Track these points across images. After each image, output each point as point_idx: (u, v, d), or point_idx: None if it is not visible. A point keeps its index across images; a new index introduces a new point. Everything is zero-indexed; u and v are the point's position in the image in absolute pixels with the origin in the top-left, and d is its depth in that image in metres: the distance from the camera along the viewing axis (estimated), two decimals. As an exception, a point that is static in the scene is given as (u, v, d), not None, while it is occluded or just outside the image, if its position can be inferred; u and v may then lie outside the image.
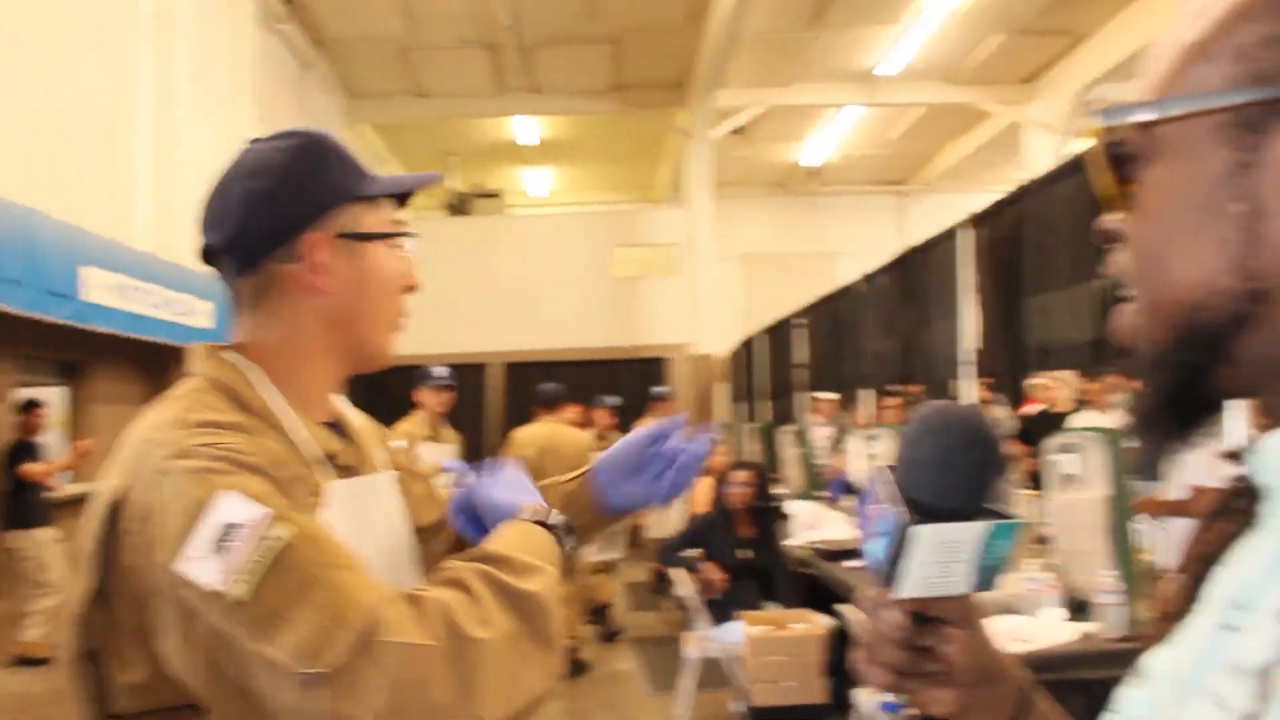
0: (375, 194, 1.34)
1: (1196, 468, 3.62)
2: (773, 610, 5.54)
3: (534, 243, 17.39)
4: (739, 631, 5.11)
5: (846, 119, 15.85)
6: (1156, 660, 0.67)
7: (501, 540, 1.26)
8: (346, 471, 1.32)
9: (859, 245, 17.16)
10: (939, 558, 0.77)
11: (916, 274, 6.53)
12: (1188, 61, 0.60)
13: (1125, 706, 0.68)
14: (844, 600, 4.59)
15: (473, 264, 16.32)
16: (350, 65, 13.58)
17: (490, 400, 16.64)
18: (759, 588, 5.93)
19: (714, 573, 5.89)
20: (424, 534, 1.49)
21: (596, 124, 16.28)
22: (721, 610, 5.67)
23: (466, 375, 15.67)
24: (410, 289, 1.38)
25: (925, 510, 0.77)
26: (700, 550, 6.09)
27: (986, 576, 0.79)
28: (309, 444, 1.28)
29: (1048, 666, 3.31)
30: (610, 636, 7.98)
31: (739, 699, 5.40)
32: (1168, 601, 0.73)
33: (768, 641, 4.83)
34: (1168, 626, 0.70)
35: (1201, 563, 0.68)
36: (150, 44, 8.39)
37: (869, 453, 5.73)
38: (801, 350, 10.58)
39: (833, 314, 9.22)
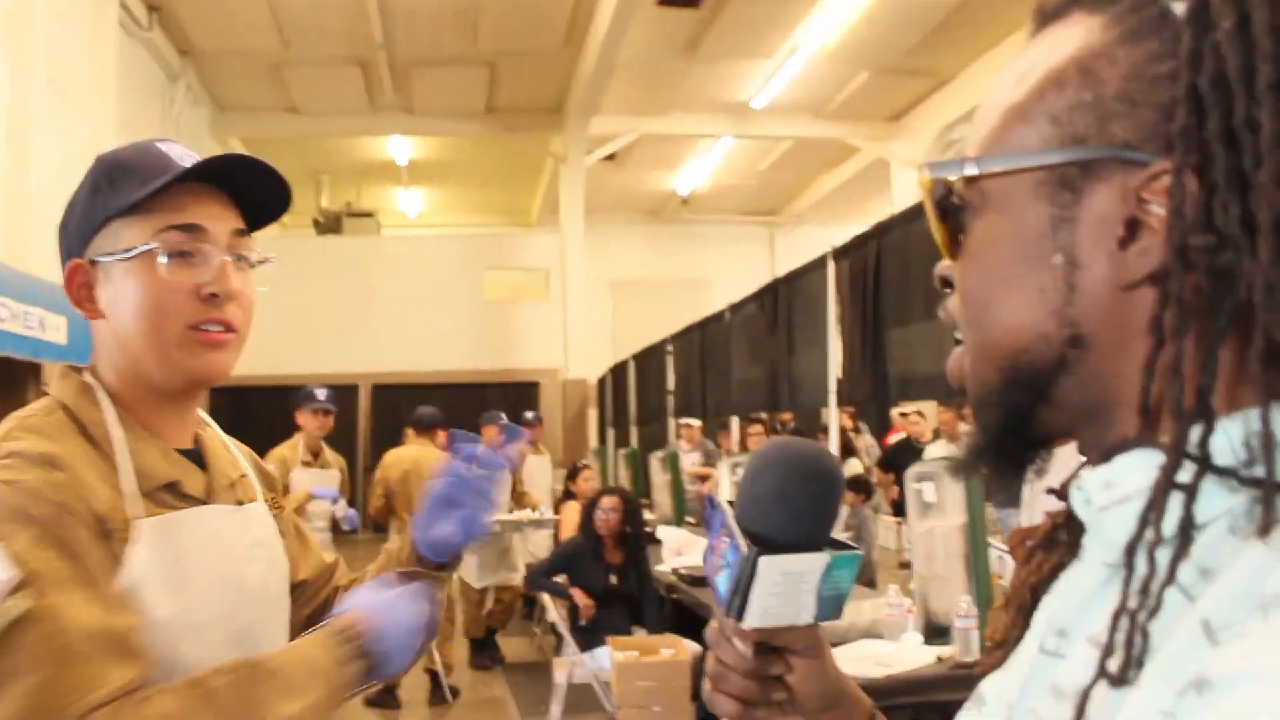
0: (134, 201, 1.24)
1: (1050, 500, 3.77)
2: (641, 635, 5.58)
3: (406, 264, 17.23)
4: (607, 657, 5.13)
5: (718, 149, 16.11)
6: (991, 685, 0.71)
7: (289, 651, 1.26)
8: (191, 501, 1.29)
9: (730, 274, 17.41)
10: (782, 588, 0.78)
11: (784, 304, 6.67)
12: (1009, 122, 0.64)
13: None
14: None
15: (343, 284, 16.08)
16: (219, 77, 13.27)
17: (361, 423, 16.38)
18: (628, 613, 5.96)
19: (582, 598, 5.91)
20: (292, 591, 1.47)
21: (471, 146, 16.21)
22: (590, 636, 5.68)
23: (339, 397, 15.30)
24: (213, 296, 1.25)
25: (768, 542, 0.78)
26: (568, 576, 6.10)
27: (829, 606, 0.81)
28: (145, 472, 1.25)
29: (907, 690, 3.41)
30: (491, 664, 7.85)
31: (606, 724, 5.41)
32: (999, 629, 0.78)
33: (636, 667, 4.86)
34: (1001, 653, 0.74)
35: (1029, 592, 0.74)
36: (2, 42, 8.06)
37: (735, 480, 5.81)
38: (671, 377, 10.68)
39: (701, 341, 9.34)
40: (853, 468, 9.42)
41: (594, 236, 16.05)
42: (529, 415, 9.11)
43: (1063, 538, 0.75)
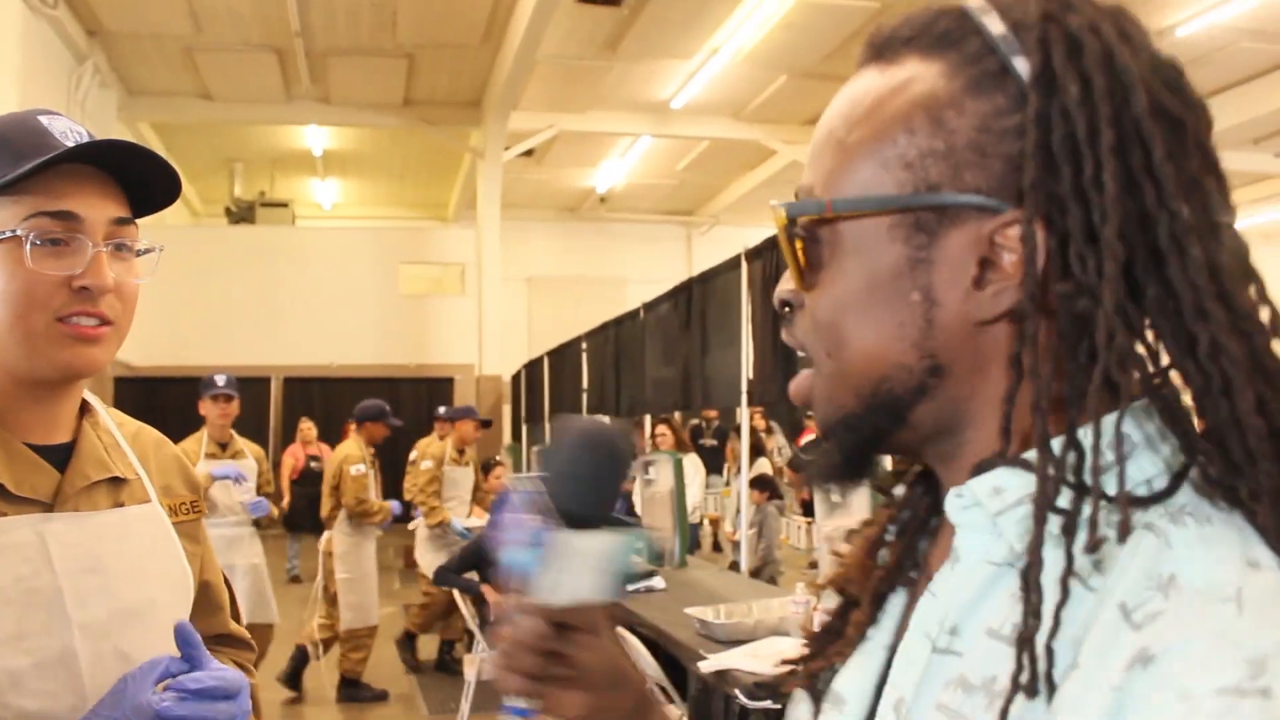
0: (3, 184, 1.16)
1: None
2: None
3: (320, 256, 17.01)
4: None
5: (637, 148, 16.15)
6: (848, 684, 0.76)
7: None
8: (18, 503, 1.20)
9: (647, 273, 17.47)
10: (574, 566, 0.81)
11: (698, 303, 6.72)
12: (858, 162, 0.68)
13: None
14: (620, 623, 4.66)
15: (257, 275, 15.81)
16: (129, 60, 12.95)
17: (272, 415, 16.14)
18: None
19: (493, 595, 5.90)
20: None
21: (388, 138, 16.05)
22: (499, 632, 5.67)
23: (250, 388, 15.05)
24: (84, 289, 1.17)
25: (562, 519, 0.81)
26: (478, 572, 6.09)
27: (618, 584, 0.83)
28: None
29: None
30: (412, 668, 7.66)
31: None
32: (823, 626, 0.83)
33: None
34: (833, 650, 0.80)
35: (880, 585, 0.79)
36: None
37: (645, 478, 5.85)
38: (586, 374, 10.69)
39: (616, 339, 9.36)
40: (761, 467, 9.52)
41: (511, 232, 16.00)
42: (442, 410, 9.04)
43: (891, 538, 0.81)
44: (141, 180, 1.25)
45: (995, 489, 0.64)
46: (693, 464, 8.58)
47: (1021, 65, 0.63)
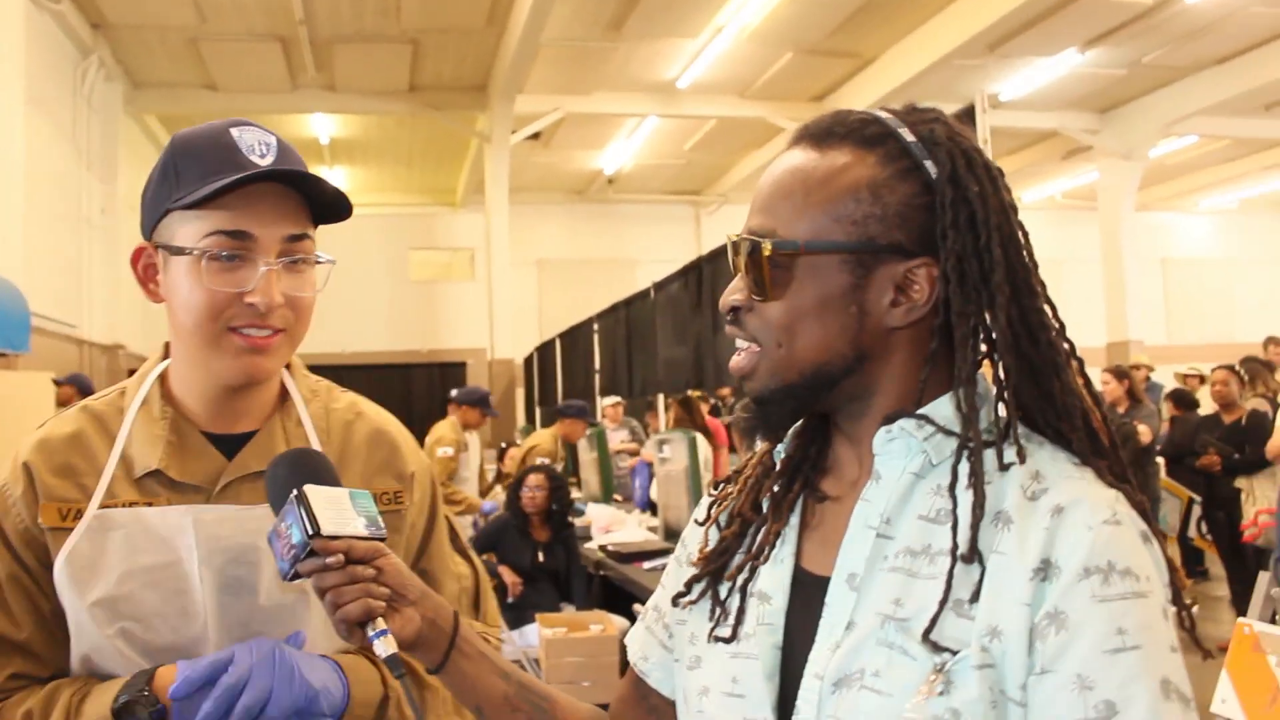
0: (189, 202, 1.23)
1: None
2: (569, 612, 5.61)
3: (329, 243, 16.94)
4: (536, 634, 5.16)
5: (644, 128, 16.10)
6: (769, 582, 1.04)
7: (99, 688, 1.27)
8: (183, 490, 1.30)
9: (656, 253, 17.47)
10: (330, 508, 1.08)
11: (708, 282, 6.72)
12: (817, 216, 0.98)
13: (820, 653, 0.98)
14: (640, 601, 4.70)
15: (263, 264, 15.82)
16: (134, 53, 12.95)
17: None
18: (555, 590, 5.99)
19: (510, 576, 5.92)
20: None
21: (394, 125, 16.03)
22: (518, 613, 5.71)
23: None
24: (251, 305, 1.25)
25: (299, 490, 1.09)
26: (495, 554, 6.11)
27: (375, 524, 1.11)
28: (134, 459, 1.30)
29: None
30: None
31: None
32: (715, 549, 1.12)
33: (564, 643, 4.89)
34: (741, 564, 1.08)
35: (750, 506, 1.12)
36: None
37: (661, 456, 5.86)
38: (598, 355, 10.70)
39: (627, 320, 9.37)
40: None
41: (519, 216, 15.99)
42: (454, 392, 9.05)
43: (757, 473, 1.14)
44: (321, 192, 1.32)
45: (918, 425, 0.98)
46: (706, 442, 8.58)
47: (931, 167, 0.98)
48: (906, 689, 0.88)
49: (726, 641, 1.04)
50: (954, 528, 0.92)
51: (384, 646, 1.04)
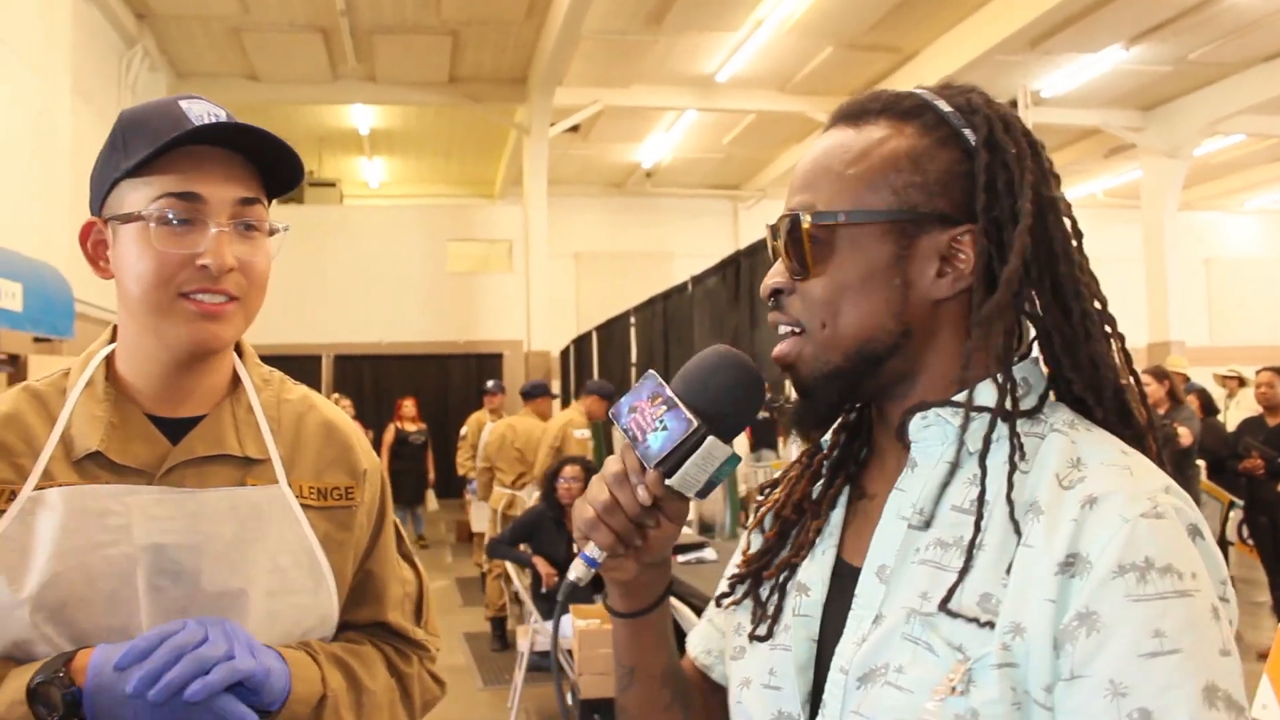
0: (136, 164, 1.22)
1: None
2: (603, 603, 5.63)
3: (368, 234, 17.13)
4: (570, 624, 5.18)
5: (682, 122, 16.07)
6: (809, 574, 1.02)
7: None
8: (123, 472, 1.26)
9: (693, 247, 17.44)
10: (701, 465, 0.96)
11: (746, 276, 6.71)
12: (857, 189, 0.97)
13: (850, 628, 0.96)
14: (675, 594, 4.69)
15: (305, 254, 15.94)
16: (177, 43, 13.08)
17: (323, 394, 16.29)
18: (589, 581, 6.01)
19: (545, 567, 5.95)
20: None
21: (434, 116, 16.09)
22: (552, 603, 5.73)
23: (301, 366, 15.32)
24: (203, 268, 1.22)
25: (709, 423, 0.96)
26: (530, 544, 6.14)
27: (708, 489, 0.98)
28: (74, 441, 1.26)
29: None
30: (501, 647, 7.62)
31: (570, 691, 5.47)
32: (760, 549, 1.10)
33: (597, 634, 4.91)
34: (770, 557, 1.08)
35: (793, 510, 1.09)
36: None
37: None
38: (635, 349, 10.70)
39: (665, 313, 9.36)
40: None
41: (557, 208, 16.01)
42: (490, 384, 9.13)
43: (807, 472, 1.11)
44: (273, 162, 1.29)
45: (954, 410, 0.95)
46: (741, 436, 8.61)
47: (969, 135, 0.97)
48: (929, 686, 0.85)
49: (763, 640, 1.03)
50: (979, 505, 0.89)
51: (581, 569, 1.01)
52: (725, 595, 1.11)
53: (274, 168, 1.30)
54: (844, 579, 0.99)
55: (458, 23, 12.49)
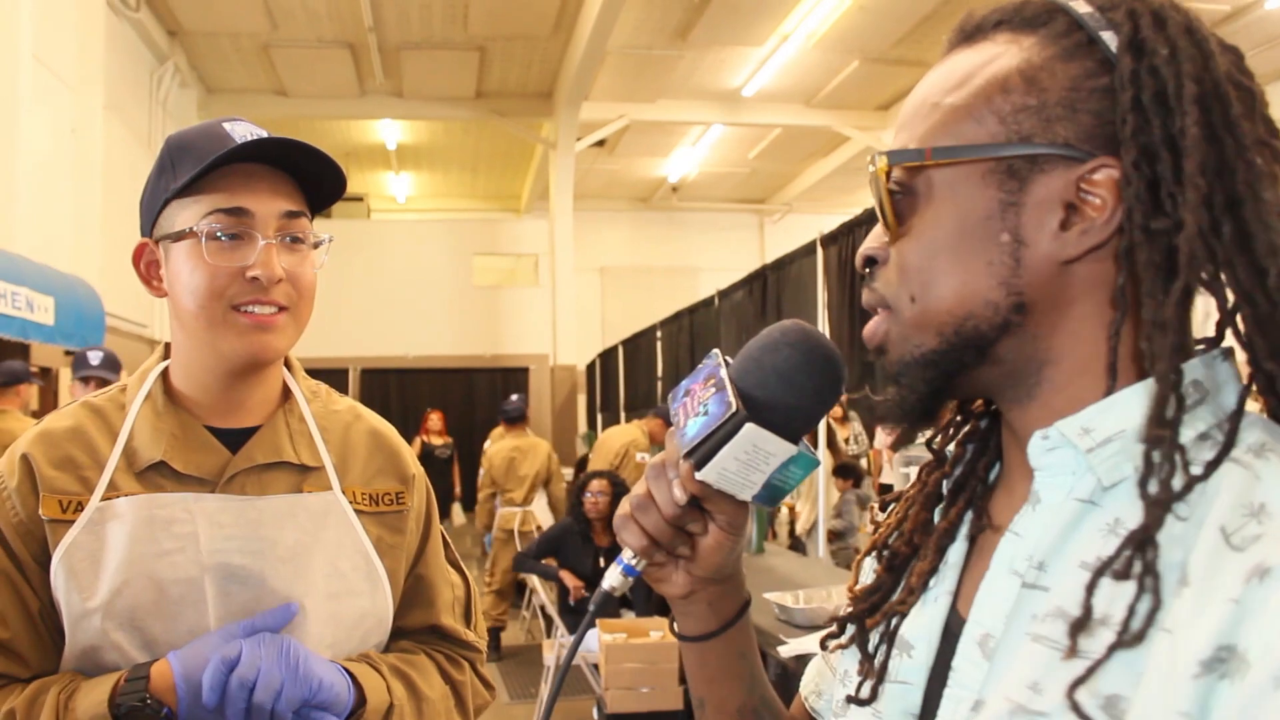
0: (185, 183, 1.27)
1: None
2: (629, 618, 5.62)
3: (395, 248, 17.22)
4: (596, 639, 5.17)
5: (708, 137, 16.08)
6: (914, 628, 0.80)
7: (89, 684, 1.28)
8: (186, 481, 1.30)
9: (719, 261, 17.43)
10: (746, 459, 0.79)
11: (773, 290, 6.70)
12: (954, 120, 0.74)
13: (911, 672, 0.78)
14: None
15: (332, 268, 15.78)
16: (208, 59, 13.21)
17: (346, 407, 16.36)
18: (616, 596, 5.99)
19: (571, 580, 5.94)
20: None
21: (460, 131, 16.17)
22: (578, 617, 5.72)
23: (329, 380, 15.21)
24: (253, 280, 1.27)
25: (757, 409, 0.79)
26: (556, 558, 6.13)
27: (770, 494, 0.82)
28: (137, 452, 1.30)
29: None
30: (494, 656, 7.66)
31: (596, 705, 5.45)
32: (870, 585, 0.87)
33: (624, 648, 4.90)
34: (878, 597, 0.86)
35: (905, 544, 0.87)
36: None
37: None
38: (661, 363, 10.70)
39: (691, 328, 9.36)
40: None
41: (583, 223, 16.04)
42: (514, 398, 9.13)
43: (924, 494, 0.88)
44: (315, 176, 1.34)
45: (1083, 429, 0.69)
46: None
47: (1109, 38, 0.71)
48: None
49: (863, 704, 0.83)
50: (1127, 568, 0.63)
51: (617, 578, 0.88)
52: (832, 636, 0.91)
53: (316, 181, 1.35)
54: (955, 638, 0.76)
55: (484, 38, 12.55)
